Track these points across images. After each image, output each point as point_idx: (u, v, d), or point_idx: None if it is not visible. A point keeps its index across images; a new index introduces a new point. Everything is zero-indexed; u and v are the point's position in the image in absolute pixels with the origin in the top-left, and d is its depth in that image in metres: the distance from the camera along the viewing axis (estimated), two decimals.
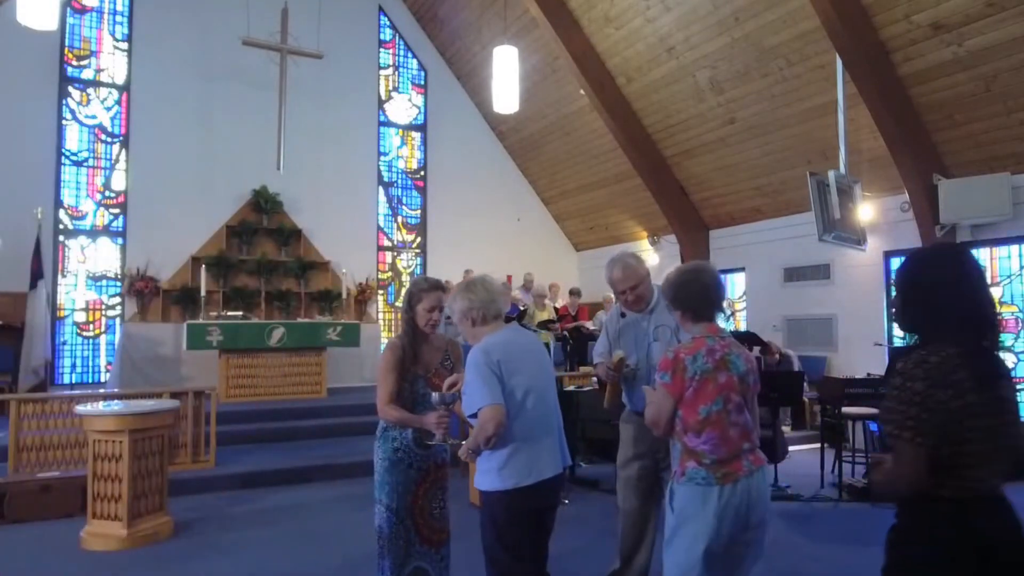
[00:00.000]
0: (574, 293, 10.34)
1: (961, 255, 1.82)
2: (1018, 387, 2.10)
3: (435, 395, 2.70)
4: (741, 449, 2.36)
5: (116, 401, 5.24)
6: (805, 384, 6.28)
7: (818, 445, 6.44)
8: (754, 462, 2.38)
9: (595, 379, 4.70)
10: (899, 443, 1.64)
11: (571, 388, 6.59)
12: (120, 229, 10.02)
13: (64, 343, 9.62)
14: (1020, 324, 7.15)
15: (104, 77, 10.06)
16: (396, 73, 12.22)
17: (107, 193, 9.99)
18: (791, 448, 6.24)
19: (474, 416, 2.39)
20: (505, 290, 2.87)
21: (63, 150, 9.72)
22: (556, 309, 9.80)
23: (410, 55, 12.29)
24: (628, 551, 3.34)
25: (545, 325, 8.67)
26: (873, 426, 6.41)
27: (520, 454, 2.40)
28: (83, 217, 9.84)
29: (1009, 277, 7.26)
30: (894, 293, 1.88)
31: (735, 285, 10.43)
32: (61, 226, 9.65)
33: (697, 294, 2.51)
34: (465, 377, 2.46)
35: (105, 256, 9.96)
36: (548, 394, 2.58)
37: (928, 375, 1.62)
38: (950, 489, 1.61)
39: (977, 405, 1.61)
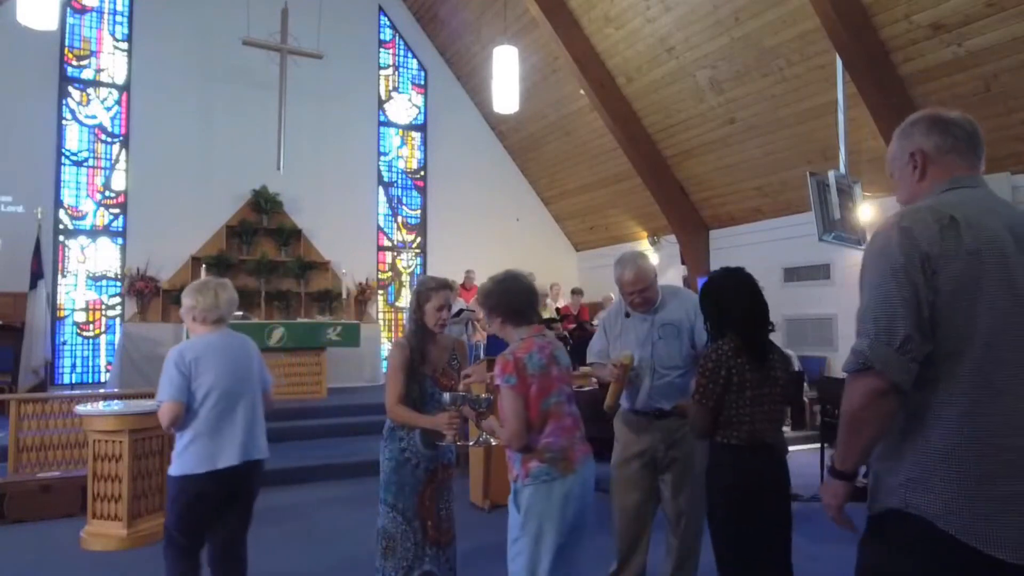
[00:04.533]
0: (576, 292, 10.33)
1: (739, 274, 2.56)
2: None
3: (447, 395, 2.68)
4: (575, 438, 2.46)
5: (116, 401, 5.24)
6: (805, 384, 6.29)
7: (818, 445, 6.41)
8: (584, 452, 2.48)
9: (595, 379, 4.66)
10: (696, 405, 2.46)
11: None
12: (120, 229, 10.02)
13: (64, 343, 9.62)
14: None
15: (104, 77, 10.06)
16: (396, 73, 12.22)
17: (107, 193, 9.99)
18: (791, 448, 6.23)
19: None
20: (232, 306, 3.02)
21: (63, 150, 9.72)
22: (558, 309, 9.80)
23: (410, 55, 12.29)
24: (626, 551, 3.31)
25: (547, 325, 8.66)
26: None
27: (196, 444, 2.80)
28: (83, 217, 9.84)
29: None
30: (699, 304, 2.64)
31: None
32: (61, 226, 9.65)
33: (520, 298, 2.58)
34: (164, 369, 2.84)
35: (105, 256, 9.96)
36: (237, 393, 2.91)
37: (718, 358, 2.42)
38: (734, 438, 2.43)
39: (753, 379, 2.41)
